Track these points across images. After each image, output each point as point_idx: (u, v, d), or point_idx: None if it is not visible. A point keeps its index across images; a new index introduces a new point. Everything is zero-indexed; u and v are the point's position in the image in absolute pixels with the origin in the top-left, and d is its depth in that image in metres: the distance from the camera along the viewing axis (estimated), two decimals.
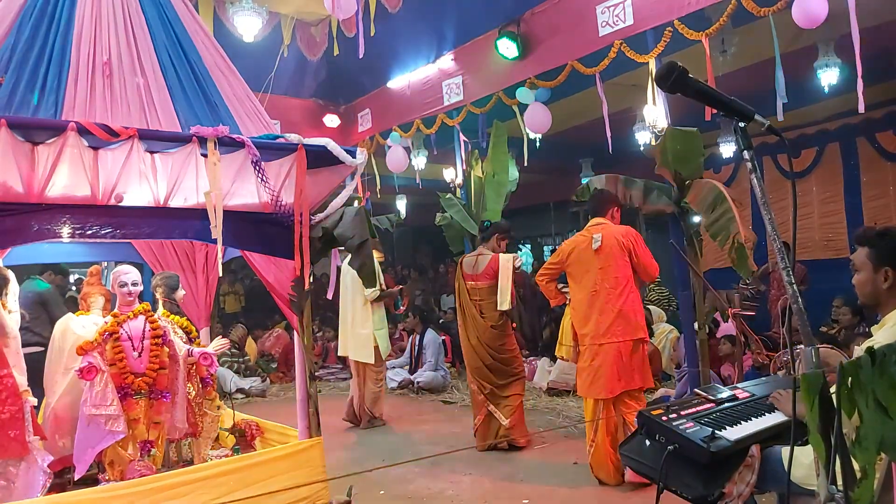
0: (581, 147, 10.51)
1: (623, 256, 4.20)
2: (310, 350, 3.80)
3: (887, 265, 2.07)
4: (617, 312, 4.13)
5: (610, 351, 4.11)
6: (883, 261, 2.08)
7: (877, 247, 2.11)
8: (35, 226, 2.99)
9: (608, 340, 4.13)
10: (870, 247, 2.13)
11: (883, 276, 2.08)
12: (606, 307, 4.16)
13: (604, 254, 4.21)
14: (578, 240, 4.42)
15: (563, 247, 4.47)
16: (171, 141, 3.15)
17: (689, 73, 1.49)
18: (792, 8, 4.34)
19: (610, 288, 4.17)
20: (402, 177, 9.01)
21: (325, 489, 3.62)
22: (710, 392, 2.42)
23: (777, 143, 8.68)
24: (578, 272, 4.33)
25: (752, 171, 1.49)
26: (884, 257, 2.08)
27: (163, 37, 3.64)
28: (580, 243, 4.37)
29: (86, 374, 3.61)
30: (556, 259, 4.50)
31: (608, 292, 4.17)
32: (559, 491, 4.10)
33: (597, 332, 4.17)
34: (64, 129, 2.81)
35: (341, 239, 3.74)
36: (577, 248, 4.35)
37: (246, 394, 7.91)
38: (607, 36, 5.41)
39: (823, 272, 7.90)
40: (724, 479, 2.08)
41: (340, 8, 5.59)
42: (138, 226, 3.31)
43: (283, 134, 3.60)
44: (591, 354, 4.19)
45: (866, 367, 1.17)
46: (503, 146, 6.65)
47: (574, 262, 4.36)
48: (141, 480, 3.29)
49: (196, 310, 4.93)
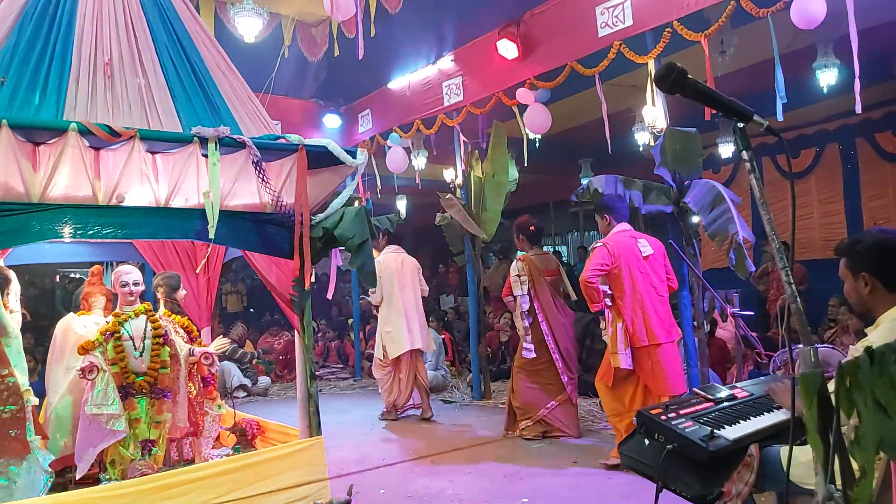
0: (581, 147, 10.52)
1: (662, 264, 4.59)
2: (310, 350, 3.81)
3: (863, 271, 2.12)
4: (668, 314, 4.47)
5: (672, 349, 4.42)
6: (858, 268, 2.14)
7: (851, 255, 2.18)
8: (36, 226, 2.99)
9: (668, 340, 4.40)
10: (845, 256, 2.20)
11: (862, 281, 2.13)
12: (662, 308, 4.45)
13: (651, 259, 4.51)
14: (624, 242, 4.53)
15: (611, 249, 4.48)
16: (172, 141, 3.16)
17: (688, 73, 1.50)
18: (790, 9, 4.35)
19: (662, 293, 4.50)
20: (402, 177, 9.01)
21: (325, 488, 3.63)
22: (709, 391, 2.43)
23: (776, 144, 8.69)
24: (627, 275, 4.45)
25: (751, 171, 1.50)
26: (858, 264, 2.14)
27: (164, 37, 3.65)
28: (626, 246, 4.50)
29: (87, 373, 3.62)
30: (609, 261, 4.48)
31: (660, 296, 4.48)
32: (559, 491, 4.11)
33: (661, 331, 4.37)
34: (65, 129, 2.82)
35: (342, 239, 3.75)
36: (626, 252, 4.48)
37: (248, 392, 7.93)
38: (607, 37, 5.41)
39: (823, 272, 7.92)
40: (723, 479, 2.09)
41: (339, 9, 5.60)
42: (139, 226, 3.32)
43: (283, 134, 3.61)
44: (654, 354, 4.35)
45: (865, 366, 1.18)
46: (503, 146, 6.66)
47: (623, 265, 4.46)
48: (142, 479, 3.30)
49: (197, 309, 4.94)
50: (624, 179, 4.98)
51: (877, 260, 2.10)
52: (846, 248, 2.21)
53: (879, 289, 2.10)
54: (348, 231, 3.73)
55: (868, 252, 2.13)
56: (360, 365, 9.06)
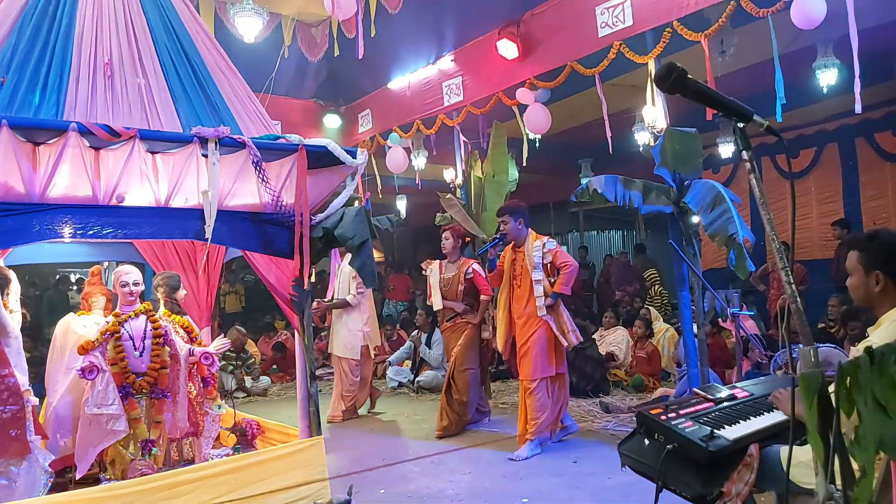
0: (581, 147, 10.52)
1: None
2: (310, 350, 3.81)
3: (878, 269, 2.09)
4: None
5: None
6: (873, 265, 2.10)
7: (867, 251, 2.13)
8: (36, 226, 2.99)
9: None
10: (860, 251, 2.15)
11: (874, 279, 2.10)
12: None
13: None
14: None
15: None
16: (172, 141, 3.17)
17: (688, 73, 1.50)
18: (790, 9, 4.36)
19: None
20: (402, 177, 9.02)
21: (325, 488, 3.63)
22: (709, 391, 2.43)
23: (776, 144, 8.69)
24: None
25: (750, 171, 1.50)
26: (874, 261, 2.10)
27: (164, 37, 3.65)
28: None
29: (87, 373, 3.62)
30: None
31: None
32: (559, 491, 4.11)
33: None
34: (65, 129, 2.82)
35: (342, 239, 3.75)
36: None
37: (247, 392, 7.93)
38: (607, 37, 5.42)
39: (822, 272, 7.92)
40: (723, 479, 2.09)
41: (340, 9, 5.61)
42: (139, 226, 3.31)
43: (283, 134, 3.61)
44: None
45: (865, 366, 1.18)
46: (503, 146, 6.67)
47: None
48: (142, 480, 3.29)
49: (197, 309, 4.94)
50: (624, 179, 4.98)
51: (895, 260, 2.07)
52: (862, 242, 2.15)
53: (890, 288, 2.07)
54: (348, 231, 3.73)
55: (886, 250, 2.09)
56: None
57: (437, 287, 5.72)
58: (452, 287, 5.66)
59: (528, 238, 4.93)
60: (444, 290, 5.70)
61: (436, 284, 5.74)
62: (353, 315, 6.37)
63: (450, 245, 5.68)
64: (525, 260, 4.89)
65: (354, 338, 6.35)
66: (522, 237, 4.95)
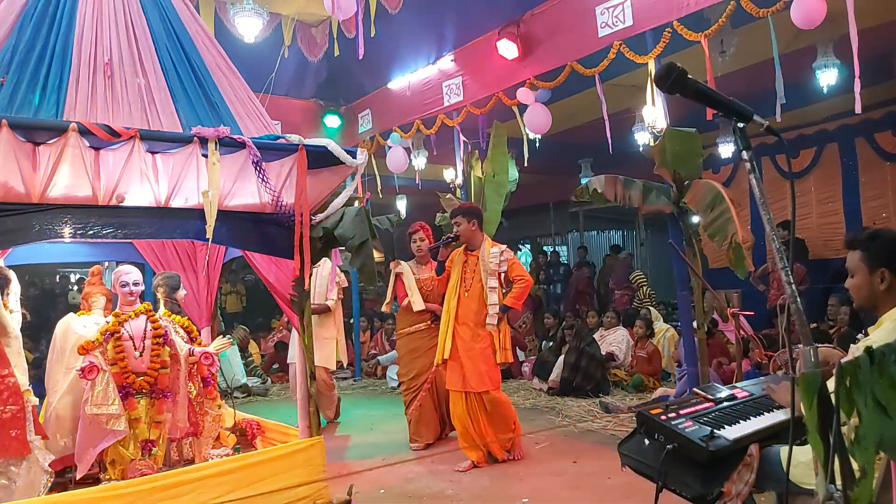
0: (581, 147, 10.52)
1: None
2: (310, 350, 3.81)
3: (883, 266, 2.07)
4: None
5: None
6: (878, 262, 2.08)
7: (870, 249, 2.11)
8: (36, 226, 2.99)
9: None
10: (862, 250, 2.13)
11: (879, 277, 2.08)
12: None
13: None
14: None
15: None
16: (172, 141, 3.16)
17: (688, 73, 1.50)
18: (791, 9, 4.35)
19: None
20: (402, 177, 9.02)
21: (325, 488, 3.63)
22: (709, 391, 2.43)
23: (776, 144, 8.69)
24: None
25: (750, 171, 1.49)
26: (879, 259, 2.08)
27: (164, 37, 3.65)
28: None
29: (87, 373, 3.62)
30: None
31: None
32: (559, 491, 4.11)
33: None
34: (65, 129, 2.82)
35: (342, 239, 3.75)
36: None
37: (248, 392, 7.93)
38: (607, 37, 5.41)
39: (821, 272, 7.92)
40: (723, 479, 2.08)
41: (340, 9, 5.61)
42: (139, 226, 3.32)
43: (283, 134, 3.61)
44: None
45: (865, 366, 1.18)
46: (503, 146, 6.66)
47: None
48: (142, 480, 3.30)
49: (197, 309, 4.94)
50: (624, 179, 4.98)
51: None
52: (864, 241, 2.13)
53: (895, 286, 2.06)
54: (348, 231, 3.73)
55: (891, 247, 2.07)
56: (360, 366, 9.05)
57: (416, 288, 5.39)
58: (434, 288, 5.35)
59: (485, 243, 4.77)
60: (427, 292, 5.40)
61: (413, 285, 5.41)
62: (327, 322, 5.92)
63: (425, 246, 5.47)
64: (478, 264, 4.71)
65: (329, 347, 5.89)
66: (477, 241, 4.80)
